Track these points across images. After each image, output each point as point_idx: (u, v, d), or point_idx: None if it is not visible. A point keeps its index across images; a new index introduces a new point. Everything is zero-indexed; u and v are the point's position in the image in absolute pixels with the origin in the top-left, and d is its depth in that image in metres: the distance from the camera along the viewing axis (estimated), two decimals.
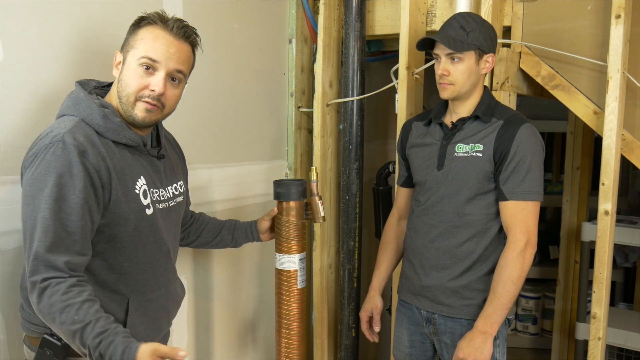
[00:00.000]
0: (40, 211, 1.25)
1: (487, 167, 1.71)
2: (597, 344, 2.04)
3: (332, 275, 2.56)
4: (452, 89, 1.73)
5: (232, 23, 2.22)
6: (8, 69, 1.48)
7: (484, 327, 1.68)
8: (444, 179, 1.78)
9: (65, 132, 1.29)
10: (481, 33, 1.70)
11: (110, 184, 1.35)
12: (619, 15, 1.89)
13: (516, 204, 1.68)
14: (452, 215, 1.77)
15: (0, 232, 1.50)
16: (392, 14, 2.37)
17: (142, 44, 1.37)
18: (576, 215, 3.35)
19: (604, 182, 1.97)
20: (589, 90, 2.06)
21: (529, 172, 1.67)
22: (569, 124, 3.33)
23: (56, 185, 1.26)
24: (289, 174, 2.62)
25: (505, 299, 1.66)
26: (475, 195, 1.74)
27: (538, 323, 3.93)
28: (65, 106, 1.38)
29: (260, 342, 2.56)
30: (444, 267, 1.79)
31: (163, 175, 1.53)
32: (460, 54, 1.69)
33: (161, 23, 1.39)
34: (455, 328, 1.79)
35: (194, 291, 2.15)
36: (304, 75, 2.62)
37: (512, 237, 1.68)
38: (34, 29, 1.54)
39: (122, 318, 1.43)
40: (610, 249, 2.00)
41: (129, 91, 1.38)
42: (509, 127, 1.70)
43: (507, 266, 1.67)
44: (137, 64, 1.37)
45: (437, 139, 1.82)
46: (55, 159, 1.27)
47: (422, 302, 1.85)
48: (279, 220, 1.87)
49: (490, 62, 1.74)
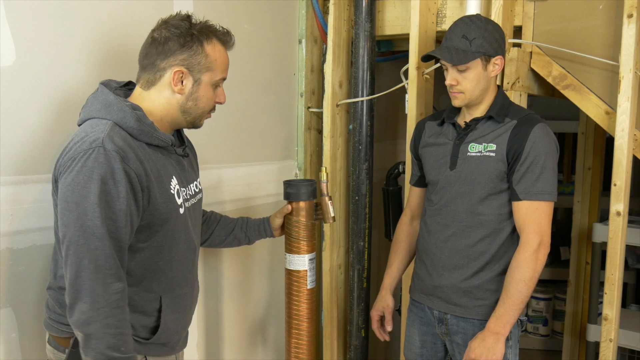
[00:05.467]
0: (89, 219, 1.25)
1: (500, 167, 1.70)
2: (608, 345, 2.03)
3: (341, 275, 2.56)
4: (462, 97, 1.74)
5: (242, 24, 2.23)
6: (20, 70, 1.50)
7: (496, 328, 1.67)
8: (456, 179, 1.77)
9: (105, 137, 1.29)
10: (484, 38, 1.68)
11: (149, 187, 1.35)
12: (631, 15, 1.88)
13: (529, 204, 1.67)
14: (465, 215, 1.76)
15: (13, 231, 1.51)
16: (402, 14, 2.37)
17: (217, 65, 1.44)
18: (587, 216, 3.33)
19: (615, 183, 1.96)
20: (600, 90, 2.04)
21: (542, 172, 1.66)
22: (580, 124, 3.31)
23: (101, 192, 1.26)
24: (298, 174, 2.62)
25: (517, 300, 1.65)
26: (488, 195, 1.73)
27: (549, 324, 3.91)
28: (94, 109, 1.37)
29: (270, 342, 2.57)
30: (457, 267, 1.78)
31: (187, 174, 1.55)
32: (465, 64, 1.69)
33: (225, 39, 1.45)
34: (467, 328, 1.78)
35: (204, 291, 2.16)
36: (314, 75, 2.62)
37: (525, 237, 1.67)
38: (47, 30, 1.55)
39: (156, 315, 1.46)
40: (621, 250, 1.99)
41: (205, 109, 1.48)
42: (523, 127, 1.69)
43: (520, 267, 1.66)
44: (213, 84, 1.45)
45: (450, 138, 1.81)
46: (97, 165, 1.26)
47: (435, 302, 1.85)
48: (289, 221, 1.87)
49: (499, 64, 1.73)
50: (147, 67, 1.41)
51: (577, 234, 3.38)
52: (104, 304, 1.26)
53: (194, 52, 1.39)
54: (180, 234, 1.49)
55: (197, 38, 1.39)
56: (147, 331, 1.46)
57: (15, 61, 1.48)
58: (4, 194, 1.48)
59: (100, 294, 1.26)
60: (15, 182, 1.51)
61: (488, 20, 1.76)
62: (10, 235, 1.51)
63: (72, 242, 1.26)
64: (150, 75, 1.41)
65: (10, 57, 1.48)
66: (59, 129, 1.58)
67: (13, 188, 1.50)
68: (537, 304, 3.90)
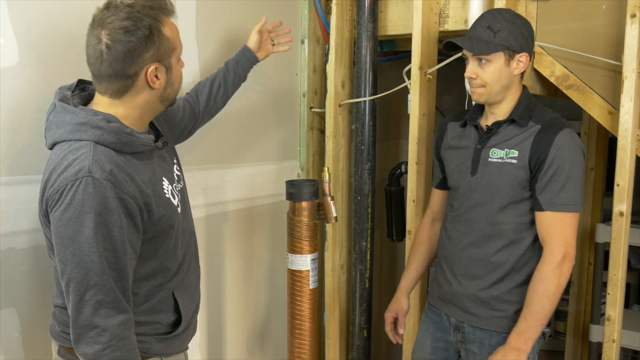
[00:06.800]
0: (85, 255, 1.21)
1: (522, 175, 1.63)
2: (611, 346, 2.02)
3: (343, 275, 2.56)
4: (482, 92, 1.66)
5: (244, 24, 2.23)
6: (22, 71, 1.50)
7: (517, 344, 1.60)
8: (476, 186, 1.71)
9: (91, 164, 1.22)
10: (510, 32, 1.61)
11: (147, 202, 1.31)
12: (635, 15, 1.87)
13: (553, 215, 1.59)
14: (484, 224, 1.70)
15: (15, 231, 1.51)
16: (404, 14, 2.36)
17: (176, 41, 1.35)
18: (590, 216, 3.32)
19: (618, 183, 1.95)
20: (603, 90, 2.04)
21: (567, 182, 1.58)
22: (583, 124, 3.30)
23: (96, 225, 1.21)
24: (301, 174, 2.62)
25: (540, 315, 1.59)
26: (508, 203, 1.66)
27: (551, 325, 3.88)
28: (64, 131, 1.28)
29: (272, 342, 2.57)
30: (475, 277, 1.73)
31: (169, 164, 1.50)
32: (487, 55, 1.62)
33: (170, 11, 1.35)
34: (484, 338, 1.73)
35: (206, 290, 2.16)
36: (316, 75, 2.62)
37: (549, 249, 1.60)
38: (50, 31, 1.55)
39: (173, 309, 1.46)
40: (624, 250, 1.98)
41: (179, 87, 1.41)
42: (547, 133, 1.60)
43: (543, 280, 1.59)
44: (178, 60, 1.38)
45: (472, 142, 1.74)
46: (87, 196, 1.20)
47: (452, 310, 1.80)
48: (292, 221, 1.87)
49: (523, 62, 1.64)
50: (112, 77, 1.29)
51: (580, 234, 3.36)
52: (110, 338, 1.24)
53: (158, 44, 1.29)
54: (181, 231, 1.47)
55: (154, 28, 1.28)
56: (169, 326, 1.46)
57: (18, 62, 1.49)
58: (6, 194, 1.49)
59: (104, 329, 1.24)
60: (17, 182, 1.51)
61: (517, 15, 1.68)
62: (12, 235, 1.51)
63: (71, 279, 1.23)
64: (120, 84, 1.30)
65: (13, 58, 1.48)
66: None
67: (14, 188, 1.51)
68: None
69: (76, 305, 1.23)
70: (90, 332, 1.24)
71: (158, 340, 1.42)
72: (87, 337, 1.24)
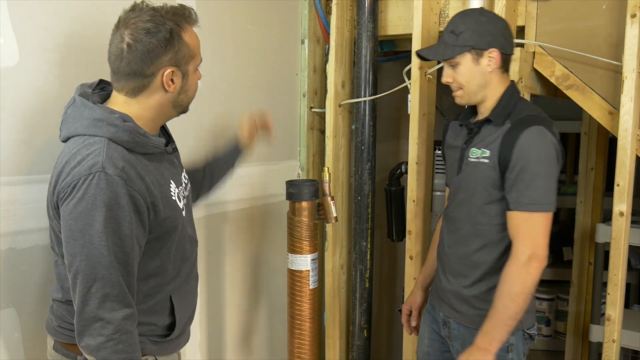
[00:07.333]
0: (95, 248, 1.23)
1: (494, 175, 1.63)
2: (611, 346, 2.03)
3: (344, 275, 2.56)
4: (461, 94, 1.69)
5: (245, 24, 2.23)
6: (23, 71, 1.50)
7: (483, 344, 1.59)
8: (460, 185, 1.73)
9: (105, 160, 1.25)
10: (474, 31, 1.61)
11: (154, 202, 1.33)
12: (635, 15, 1.87)
13: (520, 214, 1.57)
14: (466, 223, 1.72)
15: (15, 231, 1.52)
16: (404, 14, 2.37)
17: (196, 50, 1.40)
18: (590, 216, 3.32)
19: (618, 183, 1.95)
20: (603, 90, 2.04)
21: (533, 180, 1.55)
22: (583, 125, 3.31)
23: (106, 219, 1.23)
24: (301, 174, 2.62)
25: (504, 315, 1.57)
26: (484, 203, 1.66)
27: (551, 325, 3.90)
28: (80, 125, 1.31)
29: (272, 342, 2.57)
30: (460, 275, 1.75)
31: (178, 169, 1.53)
32: (453, 59, 1.64)
33: (192, 21, 1.39)
34: (466, 335, 1.75)
35: (206, 290, 2.16)
36: (317, 75, 2.62)
37: (515, 249, 1.58)
38: (51, 31, 1.55)
39: (169, 313, 1.47)
40: (625, 250, 1.98)
41: (194, 95, 1.44)
42: (514, 131, 1.59)
43: (508, 280, 1.57)
44: (196, 69, 1.42)
45: (461, 141, 1.76)
46: (100, 191, 1.23)
47: (442, 305, 1.83)
48: (292, 221, 1.87)
49: (495, 58, 1.63)
50: (130, 75, 1.33)
51: (580, 234, 3.37)
52: (113, 331, 1.25)
53: (177, 48, 1.34)
54: (185, 235, 1.49)
55: (175, 33, 1.33)
56: (164, 329, 1.47)
57: (18, 62, 1.49)
58: (6, 194, 1.49)
59: (109, 322, 1.25)
60: (17, 182, 1.51)
61: (484, 12, 1.69)
62: (13, 235, 1.51)
63: (79, 271, 1.25)
64: (137, 83, 1.34)
65: (14, 58, 1.48)
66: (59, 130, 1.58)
67: (15, 188, 1.51)
68: (539, 304, 3.89)
69: (82, 298, 1.25)
70: (94, 325, 1.25)
71: (152, 343, 1.44)
72: (91, 329, 1.25)
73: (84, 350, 1.27)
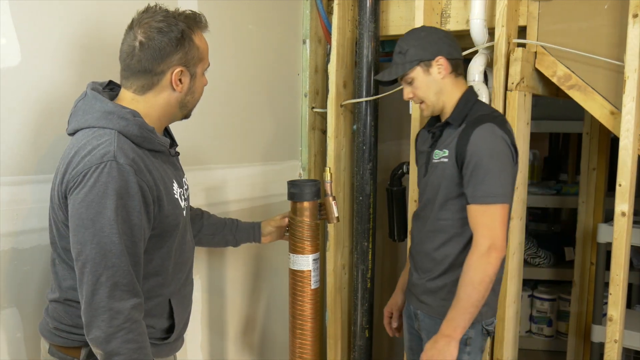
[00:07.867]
0: (106, 236, 1.24)
1: (453, 172, 1.73)
2: (613, 346, 2.02)
3: (345, 275, 2.56)
4: (424, 107, 1.81)
5: (246, 24, 2.23)
6: (24, 71, 1.50)
7: (447, 331, 1.67)
8: (425, 186, 1.85)
9: (116, 150, 1.26)
10: (417, 47, 1.75)
11: (159, 197, 1.35)
12: (637, 15, 1.87)
13: (477, 207, 1.67)
14: (431, 221, 1.81)
15: (17, 231, 1.52)
16: (406, 14, 2.37)
17: (205, 53, 1.44)
18: (592, 216, 3.32)
19: (620, 183, 1.95)
20: (605, 91, 2.04)
21: (487, 175, 1.65)
22: (585, 125, 3.30)
23: (117, 207, 1.24)
24: (302, 174, 2.62)
25: (467, 303, 1.65)
26: (446, 200, 1.76)
27: (553, 325, 3.90)
28: (91, 117, 1.33)
29: (274, 342, 2.57)
30: (426, 270, 1.84)
31: (179, 171, 1.55)
32: (407, 75, 1.77)
33: (203, 26, 1.43)
34: (431, 326, 1.82)
35: (208, 291, 2.16)
36: (318, 75, 2.62)
37: (475, 240, 1.67)
38: (53, 31, 1.55)
39: (167, 316, 1.47)
40: (626, 250, 1.98)
41: (199, 98, 1.48)
42: (468, 130, 1.69)
43: (469, 269, 1.65)
44: (203, 72, 1.46)
45: (427, 146, 1.87)
46: (111, 179, 1.24)
47: (411, 298, 1.93)
48: (293, 221, 1.87)
49: (443, 65, 1.75)
50: (140, 72, 1.36)
51: (582, 234, 3.37)
52: (123, 320, 1.26)
53: (187, 49, 1.38)
54: (184, 235, 1.50)
55: (186, 34, 1.37)
56: (163, 332, 1.48)
57: (20, 62, 1.49)
58: (9, 194, 1.49)
59: (118, 311, 1.25)
60: (20, 182, 1.51)
61: (423, 28, 1.86)
62: (14, 235, 1.51)
63: (88, 260, 1.25)
64: (146, 81, 1.37)
65: (15, 58, 1.48)
66: (62, 129, 1.58)
67: (17, 188, 1.51)
68: (541, 304, 3.89)
69: (92, 287, 1.25)
70: (103, 315, 1.25)
71: (151, 345, 1.42)
72: (100, 320, 1.25)
73: (93, 342, 1.26)
